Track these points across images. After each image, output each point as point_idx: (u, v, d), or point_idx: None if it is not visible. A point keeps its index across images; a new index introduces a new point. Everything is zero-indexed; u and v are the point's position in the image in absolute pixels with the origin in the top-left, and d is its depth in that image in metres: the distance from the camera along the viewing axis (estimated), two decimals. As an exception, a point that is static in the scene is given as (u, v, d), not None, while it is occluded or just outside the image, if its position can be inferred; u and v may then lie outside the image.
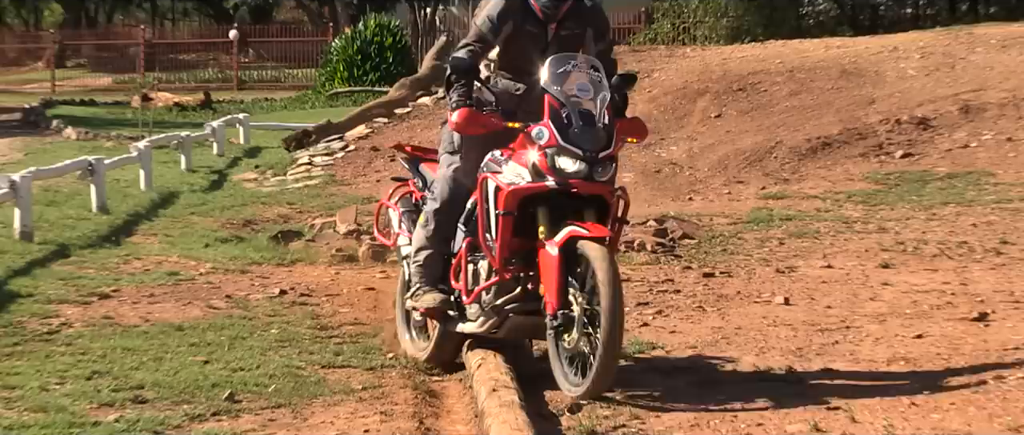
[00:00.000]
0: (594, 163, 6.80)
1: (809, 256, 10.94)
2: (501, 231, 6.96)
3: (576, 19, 7.40)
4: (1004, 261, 10.47)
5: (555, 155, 6.80)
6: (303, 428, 6.79)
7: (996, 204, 12.81)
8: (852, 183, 14.40)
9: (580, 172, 6.79)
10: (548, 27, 7.36)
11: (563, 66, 7.00)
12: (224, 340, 8.76)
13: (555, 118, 6.85)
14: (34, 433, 6.51)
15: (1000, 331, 8.14)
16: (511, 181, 6.96)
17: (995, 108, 16.59)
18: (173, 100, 37.47)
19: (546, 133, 6.82)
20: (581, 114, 6.87)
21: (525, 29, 7.34)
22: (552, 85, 6.94)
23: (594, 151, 6.80)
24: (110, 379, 7.66)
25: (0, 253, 12.02)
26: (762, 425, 6.50)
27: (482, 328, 7.35)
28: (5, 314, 9.51)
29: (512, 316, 7.20)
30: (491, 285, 7.18)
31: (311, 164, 19.91)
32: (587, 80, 6.98)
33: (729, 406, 6.87)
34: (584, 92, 6.94)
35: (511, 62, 7.51)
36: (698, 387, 7.30)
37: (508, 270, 7.07)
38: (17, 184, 12.90)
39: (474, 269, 7.33)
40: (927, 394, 6.81)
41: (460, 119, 7.11)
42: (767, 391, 7.14)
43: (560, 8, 7.30)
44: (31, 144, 26.50)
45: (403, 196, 8.23)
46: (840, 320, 8.70)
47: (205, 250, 12.59)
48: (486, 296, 7.23)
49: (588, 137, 6.82)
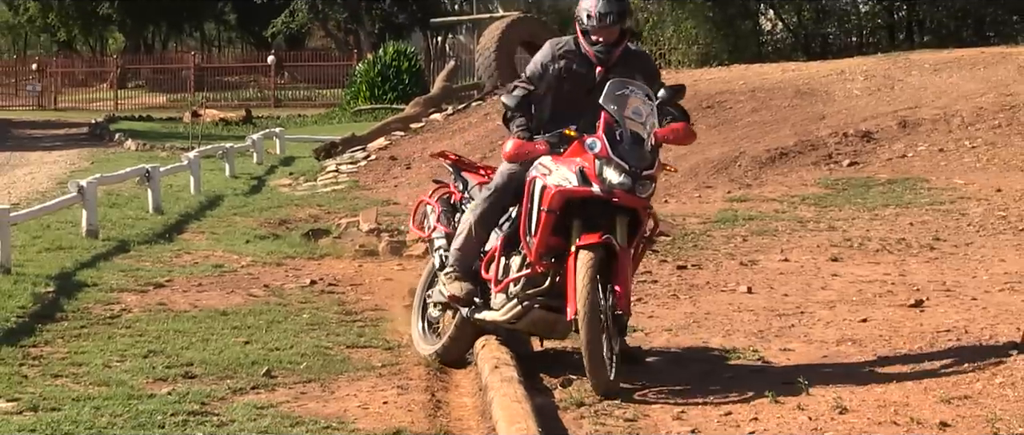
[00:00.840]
0: (637, 178, 6.58)
1: (768, 251, 10.95)
2: (542, 227, 6.71)
3: (624, 65, 7.05)
4: (937, 255, 10.48)
5: (604, 165, 6.58)
6: (330, 400, 6.80)
7: (930, 206, 12.82)
8: (805, 188, 14.40)
9: (624, 184, 6.56)
10: (596, 70, 7.02)
11: (621, 89, 6.75)
12: (262, 324, 8.78)
13: (608, 132, 6.63)
14: (98, 404, 6.52)
15: (934, 316, 8.16)
16: (558, 183, 6.70)
17: (928, 123, 16.60)
18: (219, 116, 37.45)
19: (598, 144, 6.60)
20: (632, 134, 6.65)
21: (575, 70, 7.07)
22: (609, 104, 6.68)
23: (639, 168, 6.59)
24: (164, 357, 7.69)
25: (69, 248, 12.04)
26: (727, 395, 6.52)
27: (505, 316, 7.00)
28: (74, 301, 9.53)
29: (535, 309, 6.89)
30: (521, 277, 6.89)
31: (338, 171, 19.93)
32: (641, 105, 6.73)
33: (700, 379, 6.89)
34: (637, 116, 6.70)
35: (561, 101, 7.15)
36: (673, 364, 7.34)
37: (542, 264, 6.79)
38: (84, 188, 12.97)
39: (506, 263, 7.04)
40: (871, 370, 6.86)
41: (513, 150, 6.90)
42: (732, 367, 7.17)
43: (613, 54, 7.02)
44: (96, 154, 26.55)
45: (442, 196, 7.89)
46: (795, 306, 8.71)
47: (246, 246, 12.59)
48: (513, 288, 6.93)
49: (635, 155, 6.61)
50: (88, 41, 62.65)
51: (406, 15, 49.89)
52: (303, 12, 50.81)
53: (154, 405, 6.51)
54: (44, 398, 6.67)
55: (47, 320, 8.87)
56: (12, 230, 10.97)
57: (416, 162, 19.10)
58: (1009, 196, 12.96)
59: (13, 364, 7.50)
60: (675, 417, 6.23)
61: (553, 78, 7.09)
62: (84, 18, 57.90)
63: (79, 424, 6.15)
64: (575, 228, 6.65)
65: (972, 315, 8.06)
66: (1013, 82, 18.10)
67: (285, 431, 6.13)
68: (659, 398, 6.56)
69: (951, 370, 6.69)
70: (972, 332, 7.49)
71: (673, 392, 6.66)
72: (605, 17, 6.92)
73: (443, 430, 6.29)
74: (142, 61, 53.83)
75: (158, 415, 6.32)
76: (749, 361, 7.28)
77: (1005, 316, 7.92)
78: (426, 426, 6.30)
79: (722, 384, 6.77)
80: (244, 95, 46.02)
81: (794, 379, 6.62)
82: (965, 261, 10.17)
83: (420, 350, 7.71)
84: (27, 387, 6.96)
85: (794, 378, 6.64)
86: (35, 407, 6.49)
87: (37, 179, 21.46)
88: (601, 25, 6.94)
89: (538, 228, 6.73)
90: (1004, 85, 17.96)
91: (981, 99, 17.28)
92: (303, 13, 50.87)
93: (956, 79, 18.95)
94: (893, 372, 6.75)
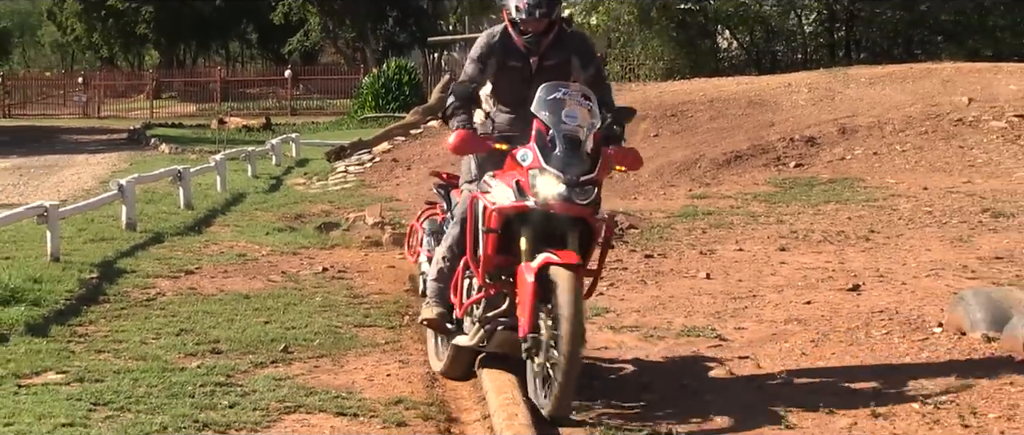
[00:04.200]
0: (573, 186, 5.52)
1: (725, 242, 10.97)
2: (484, 247, 5.82)
3: (559, 49, 6.20)
4: (871, 245, 10.51)
5: (537, 176, 5.58)
6: (340, 372, 6.80)
7: (865, 202, 12.85)
8: (757, 187, 14.42)
9: (559, 194, 5.52)
10: (530, 60, 6.19)
11: (553, 93, 5.76)
12: (280, 306, 8.76)
13: (540, 141, 5.65)
14: (136, 376, 6.51)
15: (869, 298, 8.18)
16: (495, 200, 5.77)
17: (864, 130, 16.63)
18: (242, 123, 37.38)
19: (530, 155, 5.63)
20: (567, 139, 5.60)
21: (508, 64, 6.21)
22: (541, 110, 5.73)
23: (575, 175, 5.53)
24: (193, 335, 7.67)
25: (111, 239, 12.02)
26: (688, 368, 6.53)
27: (472, 340, 6.11)
28: (114, 286, 9.51)
29: (500, 330, 5.92)
30: (479, 299, 5.99)
31: (346, 172, 19.88)
32: (576, 107, 5.71)
33: (664, 353, 6.90)
34: (572, 119, 5.66)
35: (502, 95, 6.43)
36: (643, 340, 7.34)
37: (492, 285, 5.88)
38: (124, 187, 12.95)
39: (468, 284, 6.17)
40: (814, 346, 6.87)
41: (456, 141, 5.97)
42: (693, 343, 7.18)
43: (541, 42, 6.15)
44: (134, 157, 26.50)
45: (429, 217, 7.07)
46: (748, 290, 8.73)
47: (266, 237, 12.57)
48: (476, 310, 6.04)
49: (570, 160, 5.56)
50: (127, 57, 62.50)
51: (407, 34, 49.95)
52: (316, 32, 50.83)
53: (185, 377, 6.50)
54: (89, 371, 6.67)
55: (91, 302, 8.86)
56: (61, 223, 10.95)
57: (415, 164, 19.07)
58: (934, 194, 13.00)
59: (62, 341, 7.50)
60: (642, 387, 6.25)
61: (492, 72, 6.27)
62: (124, 37, 57.83)
63: (119, 393, 6.14)
64: (523, 243, 5.66)
65: (902, 298, 8.09)
66: (937, 94, 18.15)
67: (301, 400, 6.12)
68: (626, 368, 6.57)
69: (884, 345, 6.72)
70: (902, 313, 7.52)
71: (638, 363, 6.67)
72: (533, 10, 6.07)
73: (439, 399, 6.29)
74: (174, 75, 53.72)
75: (189, 386, 6.31)
76: (708, 338, 7.29)
77: (930, 299, 7.94)
78: (424, 396, 6.30)
79: (683, 356, 6.79)
80: (264, 105, 45.89)
81: (747, 354, 6.64)
82: (896, 251, 10.20)
83: (433, 366, 6.87)
84: (74, 361, 6.96)
85: (747, 353, 6.66)
86: (81, 378, 6.49)
87: (82, 179, 21.43)
88: (530, 17, 6.09)
89: (484, 249, 5.86)
90: (930, 97, 18.01)
91: (910, 109, 17.32)
92: (316, 32, 50.88)
93: (888, 91, 18.99)
94: (833, 348, 6.77)
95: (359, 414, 5.92)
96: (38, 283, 9.19)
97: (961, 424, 5.33)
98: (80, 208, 12.68)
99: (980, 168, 14.42)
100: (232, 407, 5.94)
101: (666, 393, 6.10)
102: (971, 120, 16.34)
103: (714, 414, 5.66)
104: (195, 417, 5.72)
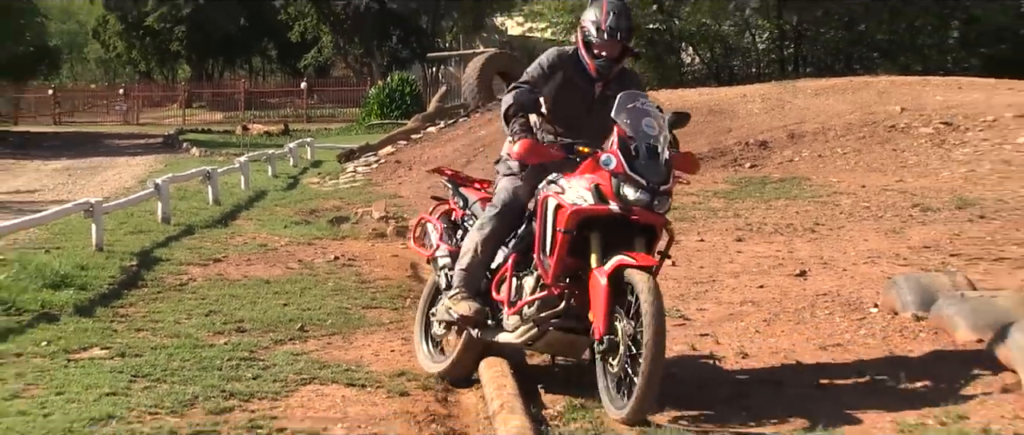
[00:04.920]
0: (655, 194, 5.11)
1: (688, 233, 10.97)
2: (558, 248, 5.18)
3: (620, 81, 5.60)
4: (816, 236, 10.52)
5: (621, 182, 5.09)
6: (350, 348, 6.80)
7: (811, 199, 12.86)
8: (717, 184, 14.43)
9: (641, 201, 5.09)
10: (595, 85, 5.58)
11: (633, 102, 5.27)
12: (297, 290, 8.76)
13: (623, 148, 5.13)
14: (170, 351, 6.51)
15: (814, 283, 8.19)
16: (574, 202, 5.18)
17: (810, 135, 16.64)
18: (263, 129, 37.38)
19: (614, 160, 5.09)
20: (647, 147, 5.16)
21: (575, 83, 5.57)
22: (622, 117, 5.21)
23: (656, 183, 5.11)
24: (221, 316, 7.67)
25: (148, 231, 11.99)
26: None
27: (520, 338, 5.46)
28: (151, 272, 9.50)
29: (552, 330, 5.33)
30: (536, 299, 5.35)
31: (355, 172, 19.88)
32: (652, 119, 5.26)
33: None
34: (651, 129, 5.20)
35: (559, 112, 5.64)
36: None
37: (558, 286, 5.25)
38: (160, 185, 12.95)
39: (518, 284, 5.50)
40: (766, 325, 6.87)
41: (522, 149, 5.28)
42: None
43: (613, 69, 5.55)
44: (168, 159, 26.40)
45: (443, 213, 6.30)
46: (709, 276, 8.72)
47: (284, 229, 12.56)
48: (528, 309, 5.38)
49: (652, 170, 5.11)
50: (162, 72, 62.27)
51: (408, 51, 49.86)
52: (329, 48, 50.78)
53: (214, 352, 6.50)
54: (129, 347, 6.66)
55: (131, 287, 8.84)
56: (104, 218, 10.93)
57: (416, 165, 19.04)
58: (871, 191, 13.02)
59: (106, 321, 7.49)
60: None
61: (554, 86, 5.59)
62: (159, 54, 57.67)
63: (156, 367, 6.14)
64: (593, 247, 5.16)
65: (843, 282, 8.10)
66: (874, 104, 18.17)
67: (315, 372, 6.12)
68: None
69: (826, 324, 6.73)
70: (843, 295, 7.53)
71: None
72: (615, 32, 5.48)
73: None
74: (204, 87, 53.57)
75: (217, 360, 6.31)
76: (672, 318, 7.30)
77: (868, 283, 7.96)
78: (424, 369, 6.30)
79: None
80: (283, 113, 45.75)
81: (707, 332, 6.65)
82: (838, 241, 10.21)
83: (425, 367, 6.20)
84: (116, 338, 6.95)
85: (707, 331, 6.67)
86: (123, 353, 6.49)
87: (123, 178, 21.36)
88: (610, 38, 5.48)
89: (554, 249, 5.22)
90: (867, 106, 18.02)
91: (850, 117, 17.34)
92: (329, 49, 50.83)
93: (831, 101, 19.00)
94: (783, 326, 6.78)
95: (367, 385, 5.92)
96: (85, 270, 9.18)
97: (895, 392, 5.35)
98: (121, 204, 12.66)
99: (911, 168, 14.45)
100: (255, 379, 5.94)
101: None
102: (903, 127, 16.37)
103: (674, 384, 5.67)
104: (222, 387, 5.72)
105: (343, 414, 5.38)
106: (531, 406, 5.21)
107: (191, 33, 53.74)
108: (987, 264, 8.84)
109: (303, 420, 5.23)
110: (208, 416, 5.23)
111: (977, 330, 5.93)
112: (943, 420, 4.83)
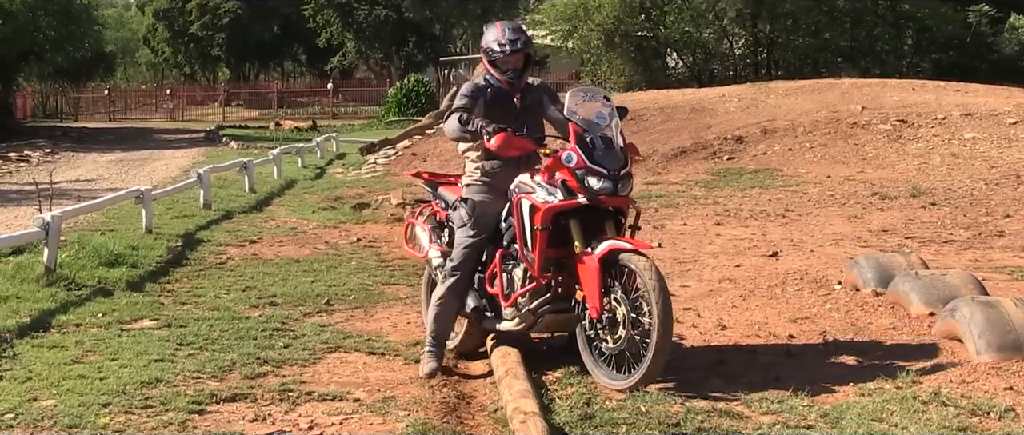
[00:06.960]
0: (617, 180, 5.00)
1: (673, 218, 10.96)
2: (539, 243, 5.05)
3: (530, 90, 5.47)
4: (787, 221, 10.52)
5: (584, 175, 4.97)
6: (371, 321, 6.80)
7: (783, 187, 12.86)
8: (698, 175, 14.42)
9: (606, 188, 4.97)
10: (514, 99, 5.40)
11: (580, 94, 5.17)
12: (323, 268, 8.76)
13: (581, 143, 5.01)
14: (211, 323, 6.51)
15: (785, 262, 8.19)
16: (545, 200, 5.05)
17: (781, 131, 16.62)
18: (293, 125, 37.38)
19: (574, 156, 4.97)
20: (602, 138, 5.05)
21: (498, 100, 5.37)
22: (575, 114, 5.08)
23: (616, 169, 5.00)
24: (256, 291, 7.67)
25: (191, 216, 12.01)
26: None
27: (518, 327, 5.32)
28: (194, 252, 9.50)
29: (545, 315, 5.22)
30: (527, 291, 5.18)
31: (376, 163, 19.86)
32: (601, 108, 5.16)
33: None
34: (602, 119, 5.11)
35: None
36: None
37: (545, 276, 5.12)
38: (202, 175, 12.99)
39: (508, 277, 5.32)
40: (742, 299, 6.86)
41: (499, 142, 5.09)
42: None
43: (522, 79, 5.41)
44: (209, 151, 26.44)
45: (429, 215, 6.06)
46: (691, 256, 8.72)
47: (312, 214, 12.56)
48: (522, 300, 5.22)
49: (610, 157, 5.01)
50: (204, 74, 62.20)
51: (423, 55, 49.77)
52: (352, 53, 50.65)
53: (250, 324, 6.50)
54: (175, 318, 6.66)
55: (176, 265, 8.85)
56: (153, 203, 10.94)
57: (430, 157, 19.01)
58: (835, 181, 13.00)
59: (154, 295, 7.49)
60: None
61: (482, 107, 5.34)
62: (202, 57, 57.66)
63: (199, 336, 6.14)
64: (574, 234, 5.01)
65: (810, 262, 8.09)
66: (838, 103, 18.13)
67: (340, 342, 6.12)
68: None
69: (796, 299, 6.72)
70: (810, 274, 7.52)
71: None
72: (516, 42, 5.33)
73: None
74: (241, 87, 53.65)
75: (252, 330, 6.31)
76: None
77: (833, 263, 7.95)
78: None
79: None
80: (311, 111, 45.78)
81: (690, 306, 6.64)
82: (806, 225, 10.21)
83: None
84: (163, 311, 6.95)
85: (690, 305, 6.66)
86: (169, 324, 6.49)
87: (169, 168, 21.38)
88: (512, 51, 5.32)
89: (535, 244, 5.08)
90: (832, 105, 17.98)
91: (817, 114, 17.30)
92: (352, 53, 50.69)
93: (800, 101, 18.96)
94: (757, 301, 6.76)
95: (385, 353, 5.92)
96: (136, 250, 9.19)
97: (857, 359, 5.34)
98: (168, 192, 12.67)
99: (870, 161, 14.42)
100: (286, 347, 5.94)
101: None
102: (864, 124, 16.33)
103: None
104: (257, 355, 5.71)
105: (364, 379, 5.38)
106: (532, 372, 5.20)
107: (230, 39, 53.70)
108: (938, 246, 8.83)
109: (329, 384, 5.23)
110: (244, 380, 5.23)
111: (929, 304, 5.95)
112: (899, 384, 4.82)
